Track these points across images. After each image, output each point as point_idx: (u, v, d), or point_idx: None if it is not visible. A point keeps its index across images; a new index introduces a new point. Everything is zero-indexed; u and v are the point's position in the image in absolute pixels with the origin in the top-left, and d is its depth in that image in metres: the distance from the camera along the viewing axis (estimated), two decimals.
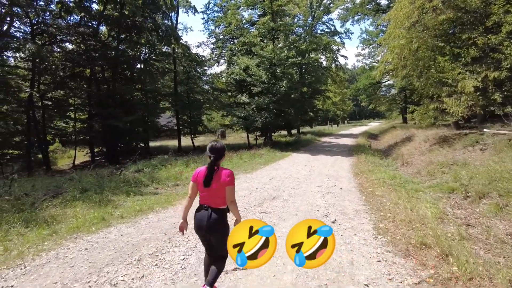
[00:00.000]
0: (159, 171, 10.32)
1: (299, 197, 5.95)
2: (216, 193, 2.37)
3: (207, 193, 2.39)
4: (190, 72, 22.98)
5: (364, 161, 11.57)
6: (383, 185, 7.00)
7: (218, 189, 2.36)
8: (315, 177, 8.33)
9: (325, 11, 26.09)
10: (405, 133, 18.54)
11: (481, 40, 9.25)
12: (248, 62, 15.59)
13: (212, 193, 2.38)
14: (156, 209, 5.21)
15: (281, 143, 19.71)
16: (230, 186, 2.37)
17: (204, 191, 2.41)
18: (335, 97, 41.01)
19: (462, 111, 9.37)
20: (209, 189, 2.37)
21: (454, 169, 7.44)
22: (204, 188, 2.38)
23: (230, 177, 2.39)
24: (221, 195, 2.38)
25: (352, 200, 5.68)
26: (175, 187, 7.66)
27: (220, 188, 2.36)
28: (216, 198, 2.39)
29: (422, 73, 11.69)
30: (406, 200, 5.41)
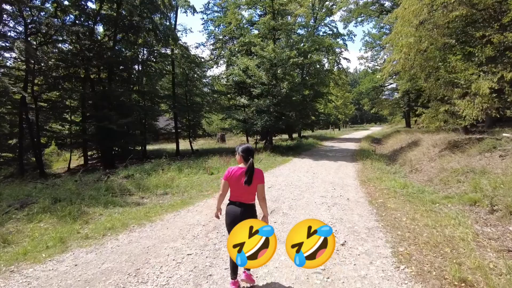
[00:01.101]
0: (150, 177, 9.67)
1: (301, 210, 5.25)
2: (248, 190, 2.56)
3: (241, 190, 2.57)
4: (189, 74, 22.41)
5: (369, 167, 10.89)
6: (395, 196, 6.31)
7: (251, 187, 2.55)
8: (319, 185, 7.63)
9: (327, 12, 25.54)
10: (410, 137, 17.81)
11: (496, 38, 8.58)
12: (247, 63, 14.97)
13: (245, 190, 2.55)
14: (130, 227, 4.48)
15: (282, 147, 19.03)
16: (262, 184, 2.61)
17: (236, 189, 2.59)
18: (337, 100, 40.36)
19: (476, 114, 8.67)
20: (243, 187, 2.53)
21: (472, 178, 6.74)
22: (244, 186, 2.52)
23: (261, 175, 2.62)
24: (253, 192, 2.59)
25: (361, 214, 4.98)
26: (163, 196, 6.96)
27: (253, 186, 2.56)
28: (248, 195, 2.58)
29: (430, 73, 11.03)
30: (425, 215, 4.71)
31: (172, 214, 4.99)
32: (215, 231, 4.11)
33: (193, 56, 22.00)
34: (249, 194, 2.60)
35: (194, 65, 22.27)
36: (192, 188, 7.39)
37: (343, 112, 45.66)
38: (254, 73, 14.78)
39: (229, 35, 20.42)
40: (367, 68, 34.35)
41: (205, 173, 10.24)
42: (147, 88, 20.08)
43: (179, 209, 5.34)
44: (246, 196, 2.59)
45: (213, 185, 7.72)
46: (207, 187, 7.40)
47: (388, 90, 33.90)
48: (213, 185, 7.71)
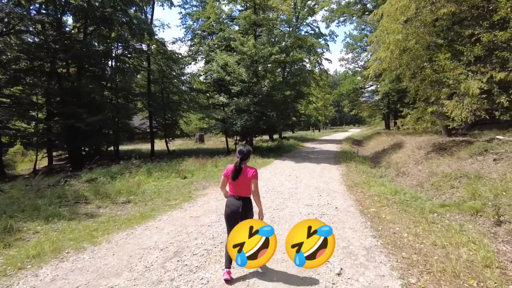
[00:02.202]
0: (114, 181, 8.59)
1: (285, 223, 4.43)
2: (243, 185, 2.92)
3: (237, 185, 2.93)
4: (166, 71, 21.15)
5: (354, 170, 10.32)
6: (387, 204, 5.65)
7: (245, 182, 2.91)
8: (303, 191, 6.87)
9: (309, 12, 25.07)
10: (392, 139, 17.62)
11: (486, 37, 8.21)
12: (227, 59, 14.05)
13: (240, 185, 2.92)
14: (63, 253, 3.42)
15: (262, 148, 18.25)
16: (255, 180, 2.94)
17: (233, 184, 2.95)
18: (318, 102, 40.23)
19: (465, 115, 8.27)
20: (238, 182, 2.90)
21: (466, 183, 6.24)
22: (233, 181, 2.92)
23: (255, 172, 2.96)
24: (247, 187, 2.92)
25: (355, 229, 4.23)
26: (124, 205, 5.92)
27: (247, 181, 2.91)
28: (243, 189, 2.93)
29: (416, 73, 10.65)
30: (427, 229, 4.04)
31: (124, 233, 4.00)
32: (175, 259, 3.19)
33: (170, 52, 20.80)
34: (243, 189, 2.92)
35: (171, 62, 21.09)
36: (159, 196, 6.38)
37: (323, 114, 45.70)
38: (233, 70, 13.89)
39: (208, 30, 19.37)
40: (347, 69, 34.39)
41: (178, 176, 9.23)
42: (121, 85, 18.64)
43: (136, 225, 4.35)
44: (242, 191, 2.93)
45: (183, 191, 6.75)
46: (176, 195, 6.41)
47: (368, 92, 34.10)
48: (184, 191, 6.74)
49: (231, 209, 2.89)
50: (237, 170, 2.91)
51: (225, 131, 17.38)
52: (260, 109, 14.67)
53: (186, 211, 5.00)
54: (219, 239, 3.73)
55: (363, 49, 29.47)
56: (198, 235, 3.87)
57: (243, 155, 2.99)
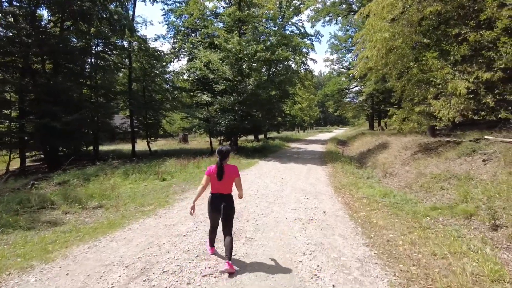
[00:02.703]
0: (88, 183, 7.97)
1: (270, 232, 4.02)
2: (225, 183, 3.07)
3: (220, 184, 3.05)
4: (148, 69, 20.33)
5: (341, 170, 10.08)
6: (377, 207, 5.37)
7: (227, 180, 3.07)
8: (289, 193, 6.50)
9: (295, 11, 24.87)
10: (377, 139, 17.61)
11: (473, 37, 8.13)
12: (210, 56, 13.54)
13: (223, 183, 3.05)
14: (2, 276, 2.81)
15: (247, 148, 17.85)
16: (238, 177, 3.18)
17: (216, 182, 3.06)
18: (303, 102, 40.24)
19: (452, 115, 8.15)
20: (221, 181, 3.03)
21: (456, 185, 6.05)
22: (217, 181, 3.03)
23: (236, 170, 3.17)
24: (229, 184, 3.10)
25: (345, 236, 3.88)
26: (94, 210, 5.34)
27: (230, 180, 3.10)
28: (226, 187, 3.08)
29: (403, 73, 10.54)
30: (423, 235, 3.75)
31: (86, 246, 3.47)
32: (141, 278, 2.71)
33: (152, 49, 20.01)
34: (225, 187, 3.07)
35: (153, 59, 20.30)
36: (133, 201, 5.83)
37: (308, 114, 45.83)
38: (217, 68, 13.40)
39: (191, 26, 18.76)
40: (332, 70, 34.53)
41: (156, 179, 8.67)
42: (101, 83, 17.73)
43: (101, 235, 3.82)
44: (223, 188, 3.06)
45: (160, 196, 6.23)
46: (151, 199, 5.88)
47: (353, 93, 34.35)
48: (160, 196, 6.22)
49: (216, 205, 3.05)
50: (220, 170, 3.03)
51: (209, 131, 16.83)
52: (245, 109, 14.26)
53: (160, 218, 4.50)
54: (195, 251, 3.28)
55: (348, 50, 29.64)
56: (171, 247, 3.40)
57: (223, 155, 3.11)
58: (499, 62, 7.60)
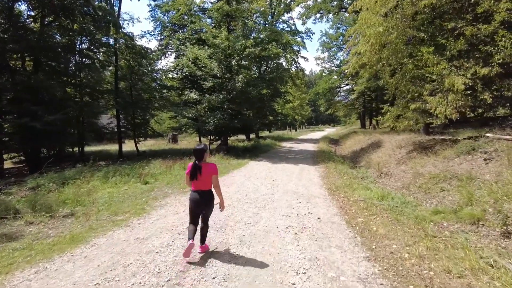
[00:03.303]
0: (64, 188, 7.33)
1: (259, 244, 3.51)
2: (204, 181, 3.18)
3: (197, 181, 3.19)
4: (135, 67, 19.55)
5: (334, 171, 9.67)
6: (376, 212, 4.93)
7: (205, 179, 3.18)
8: (280, 197, 6.02)
9: (285, 8, 24.41)
10: (369, 138, 17.31)
11: (469, 30, 7.80)
12: (197, 52, 12.95)
13: (200, 181, 3.18)
14: None
15: (238, 148, 17.31)
16: (215, 175, 3.25)
17: (194, 181, 3.19)
18: (294, 101, 39.92)
19: (450, 112, 7.80)
20: (199, 178, 3.16)
21: (457, 185, 5.68)
22: (198, 178, 3.17)
23: (214, 168, 3.25)
24: (208, 182, 3.20)
25: (343, 248, 3.42)
26: (64, 219, 4.74)
27: (207, 178, 3.19)
28: (205, 184, 3.20)
29: (396, 69, 10.18)
30: (431, 246, 3.31)
31: (33, 270, 2.86)
32: None
33: (138, 47, 19.24)
34: (205, 184, 3.21)
35: (139, 57, 19.53)
36: (108, 208, 5.25)
37: (300, 113, 45.56)
38: (205, 64, 12.82)
39: (178, 22, 18.10)
40: (324, 68, 34.26)
41: (138, 181, 8.07)
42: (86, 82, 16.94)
43: (58, 253, 3.23)
44: (203, 185, 3.20)
45: (138, 202, 5.65)
46: (128, 206, 5.29)
47: (344, 92, 34.16)
48: (139, 202, 5.64)
49: (195, 202, 3.19)
50: (195, 169, 3.17)
51: (198, 131, 16.23)
52: (234, 107, 13.73)
53: (132, 230, 3.94)
54: (167, 274, 2.74)
55: (339, 48, 29.41)
56: (138, 268, 2.85)
57: (197, 154, 3.24)
58: (497, 57, 7.27)
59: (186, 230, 3.76)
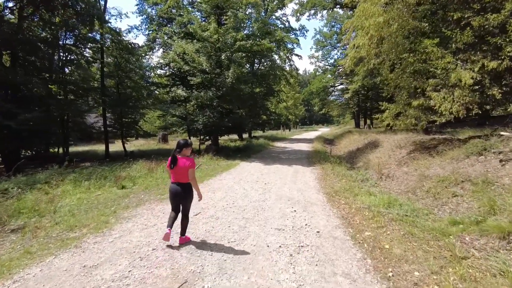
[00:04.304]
0: (28, 193, 6.47)
1: (243, 274, 2.73)
2: (181, 173, 3.37)
3: (175, 173, 3.38)
4: (122, 63, 18.57)
5: (331, 173, 8.98)
6: (384, 223, 4.20)
7: (183, 171, 3.36)
8: (272, 204, 5.25)
9: (279, 4, 23.71)
10: (366, 138, 16.72)
11: (477, 21, 7.17)
12: (184, 46, 12.11)
13: (178, 173, 3.37)
14: None
15: (229, 148, 16.53)
16: (192, 169, 3.40)
17: (172, 172, 3.40)
18: (288, 101, 39.27)
19: (456, 109, 7.15)
20: (176, 171, 3.36)
21: (473, 190, 5.00)
22: (170, 169, 3.40)
23: (191, 162, 3.41)
24: (185, 175, 3.37)
25: (351, 275, 2.67)
26: (13, 233, 3.89)
27: (185, 170, 3.36)
28: (182, 177, 3.39)
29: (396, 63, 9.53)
30: (465, 276, 2.59)
31: None
32: None
33: (125, 42, 18.28)
34: (183, 176, 3.38)
35: (126, 53, 18.57)
36: (66, 220, 4.38)
37: (294, 113, 44.96)
38: (192, 59, 11.98)
39: (166, 15, 17.20)
40: (317, 67, 33.68)
41: (115, 185, 7.22)
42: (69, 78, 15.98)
43: None
44: (181, 178, 3.39)
45: (105, 211, 4.80)
46: (90, 218, 4.43)
47: (338, 91, 33.65)
48: (106, 211, 4.80)
49: (174, 193, 3.44)
50: (172, 159, 3.36)
51: (187, 130, 15.38)
52: (224, 105, 12.92)
53: (82, 254, 3.09)
54: None
55: (333, 47, 28.87)
56: None
57: (178, 146, 3.44)
58: (507, 49, 6.65)
59: (151, 254, 2.97)
